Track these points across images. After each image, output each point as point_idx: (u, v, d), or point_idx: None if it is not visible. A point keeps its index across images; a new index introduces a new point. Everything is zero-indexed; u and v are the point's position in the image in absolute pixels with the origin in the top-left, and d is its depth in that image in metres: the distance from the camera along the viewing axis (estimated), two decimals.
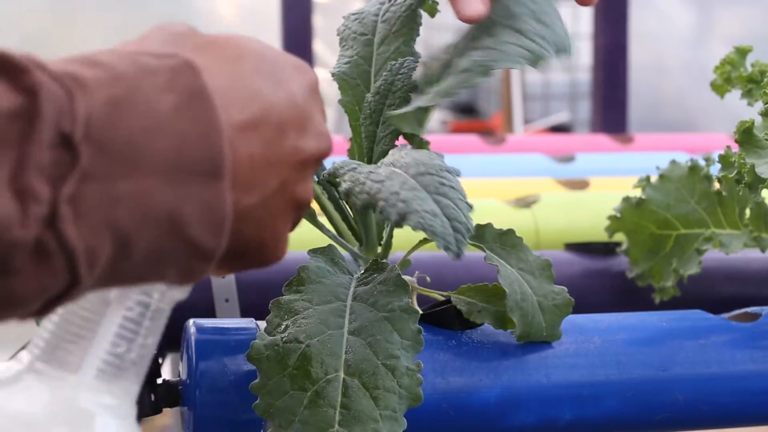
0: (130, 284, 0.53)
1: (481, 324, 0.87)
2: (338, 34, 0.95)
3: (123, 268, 0.51)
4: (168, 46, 0.56)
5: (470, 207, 0.74)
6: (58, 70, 0.49)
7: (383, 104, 0.90)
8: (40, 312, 0.50)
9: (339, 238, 0.91)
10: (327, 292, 0.80)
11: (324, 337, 0.77)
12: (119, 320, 0.59)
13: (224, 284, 1.08)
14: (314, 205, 0.90)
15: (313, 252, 0.82)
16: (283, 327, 0.77)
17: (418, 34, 0.94)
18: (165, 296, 0.61)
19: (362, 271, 0.84)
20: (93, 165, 0.48)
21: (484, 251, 0.86)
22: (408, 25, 0.93)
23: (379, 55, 0.95)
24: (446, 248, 0.72)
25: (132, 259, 0.51)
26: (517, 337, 0.85)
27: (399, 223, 0.72)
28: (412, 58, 0.90)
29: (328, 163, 0.79)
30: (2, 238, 0.46)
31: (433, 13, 0.96)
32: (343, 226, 0.92)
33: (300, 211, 0.61)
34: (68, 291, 0.49)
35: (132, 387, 0.60)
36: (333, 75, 0.93)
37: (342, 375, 0.76)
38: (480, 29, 0.85)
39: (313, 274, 0.80)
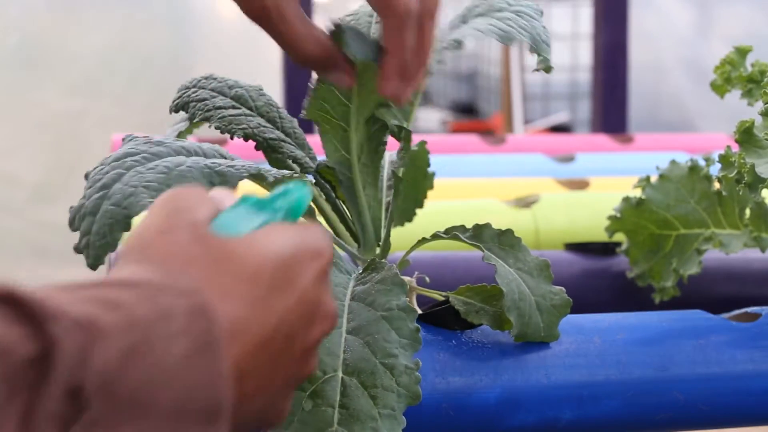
0: None
1: (481, 324, 0.87)
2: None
3: None
4: (190, 268, 0.58)
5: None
6: (79, 315, 0.51)
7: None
8: None
9: (337, 238, 0.91)
10: None
11: None
12: None
13: None
14: (313, 205, 0.90)
15: None
16: None
17: None
18: None
19: (360, 271, 0.84)
20: (99, 413, 0.50)
21: (482, 251, 0.86)
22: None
23: None
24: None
25: None
26: (515, 337, 0.85)
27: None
28: None
29: None
30: None
31: None
32: (341, 227, 0.92)
33: (303, 381, 0.65)
34: None
35: None
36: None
37: (340, 374, 0.76)
38: (461, 18, 0.89)
39: None
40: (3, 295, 0.50)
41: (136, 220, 0.71)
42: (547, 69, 0.88)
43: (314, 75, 0.89)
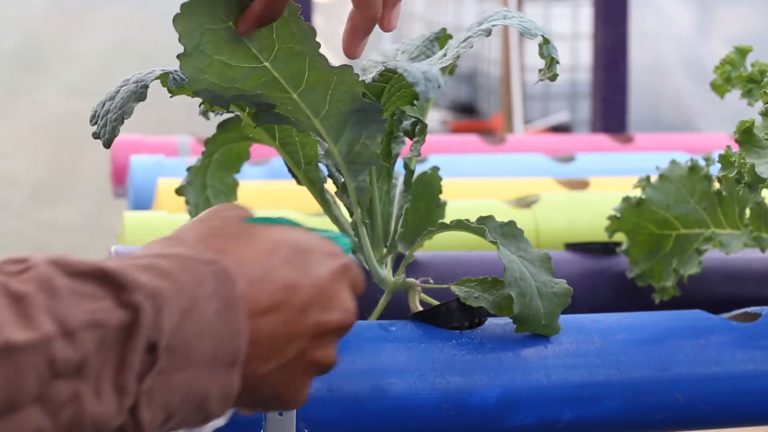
0: None
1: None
2: (362, 69, 0.98)
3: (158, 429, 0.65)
4: (216, 241, 0.70)
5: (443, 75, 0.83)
6: (150, 285, 0.63)
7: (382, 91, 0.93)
8: None
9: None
10: None
11: None
12: None
13: None
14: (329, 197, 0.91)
15: None
16: None
17: None
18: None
19: None
20: (164, 363, 0.62)
21: (486, 236, 0.87)
22: (425, 53, 0.99)
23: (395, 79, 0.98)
24: (416, 84, 0.81)
25: (166, 425, 0.65)
26: (515, 319, 0.85)
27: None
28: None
29: None
30: (104, 428, 0.60)
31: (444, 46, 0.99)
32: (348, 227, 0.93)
33: (320, 371, 0.71)
34: None
35: None
36: None
37: None
38: (476, 25, 0.92)
39: None
40: (94, 271, 0.61)
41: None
42: (553, 77, 0.89)
43: None
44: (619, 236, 1.13)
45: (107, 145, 0.84)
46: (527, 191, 1.38)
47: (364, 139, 0.87)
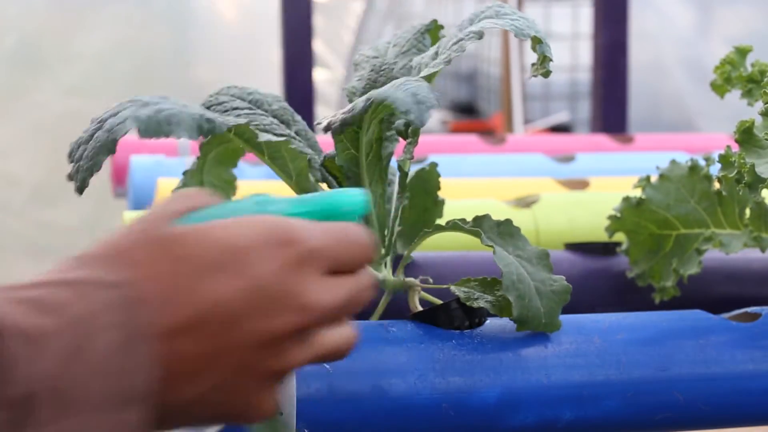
0: None
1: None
2: (354, 63, 1.00)
3: None
4: (133, 254, 0.61)
5: (436, 96, 0.80)
6: (26, 327, 0.55)
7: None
8: None
9: None
10: None
11: None
12: None
13: None
14: None
15: None
16: None
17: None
18: None
19: None
20: (45, 412, 0.55)
21: (482, 237, 0.87)
22: (416, 46, 0.98)
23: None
24: (407, 113, 0.77)
25: None
26: (515, 321, 0.85)
27: (367, 105, 0.81)
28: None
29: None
30: None
31: (436, 39, 1.00)
32: None
33: (284, 377, 0.63)
34: None
35: None
36: (344, 90, 0.98)
37: None
38: (468, 22, 0.92)
39: None
40: None
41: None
42: (546, 73, 0.89)
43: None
44: (619, 236, 1.13)
45: (79, 192, 0.83)
46: (527, 191, 1.38)
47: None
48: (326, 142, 0.93)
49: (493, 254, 0.86)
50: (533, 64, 0.91)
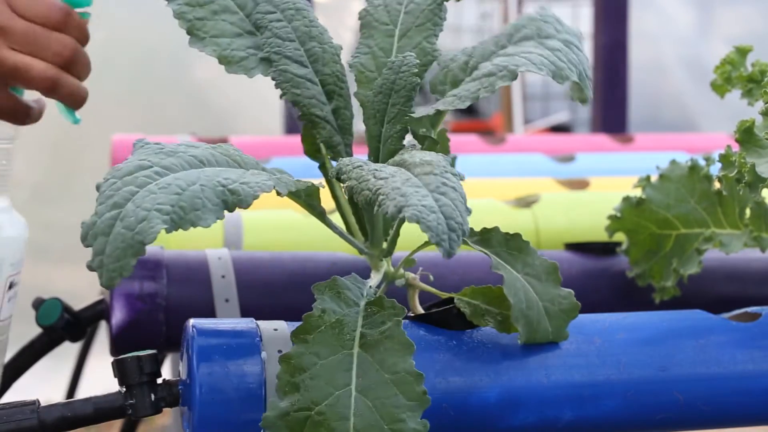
0: None
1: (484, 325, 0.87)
2: (360, 18, 0.94)
3: None
4: None
5: (468, 211, 0.74)
6: None
7: (386, 103, 0.90)
8: None
9: (346, 234, 0.91)
10: (333, 341, 0.78)
11: (332, 400, 0.76)
12: None
13: (224, 284, 1.08)
14: (328, 201, 0.90)
15: (318, 289, 0.81)
16: (293, 386, 0.77)
17: (441, 30, 0.93)
18: None
19: (365, 302, 0.82)
20: None
21: (490, 256, 0.86)
22: (432, 20, 0.93)
23: (399, 48, 0.94)
24: (438, 244, 0.72)
25: None
26: (523, 343, 0.86)
27: (395, 215, 0.72)
28: (413, 55, 0.90)
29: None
30: None
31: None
32: (353, 219, 0.92)
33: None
34: None
35: None
36: (350, 66, 0.93)
37: None
38: (507, 38, 0.86)
39: (318, 321, 0.79)
40: None
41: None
42: (584, 100, 0.88)
43: None
44: (619, 236, 1.13)
45: (107, 287, 0.75)
46: (527, 191, 1.38)
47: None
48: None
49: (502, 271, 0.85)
50: (571, 88, 0.89)
